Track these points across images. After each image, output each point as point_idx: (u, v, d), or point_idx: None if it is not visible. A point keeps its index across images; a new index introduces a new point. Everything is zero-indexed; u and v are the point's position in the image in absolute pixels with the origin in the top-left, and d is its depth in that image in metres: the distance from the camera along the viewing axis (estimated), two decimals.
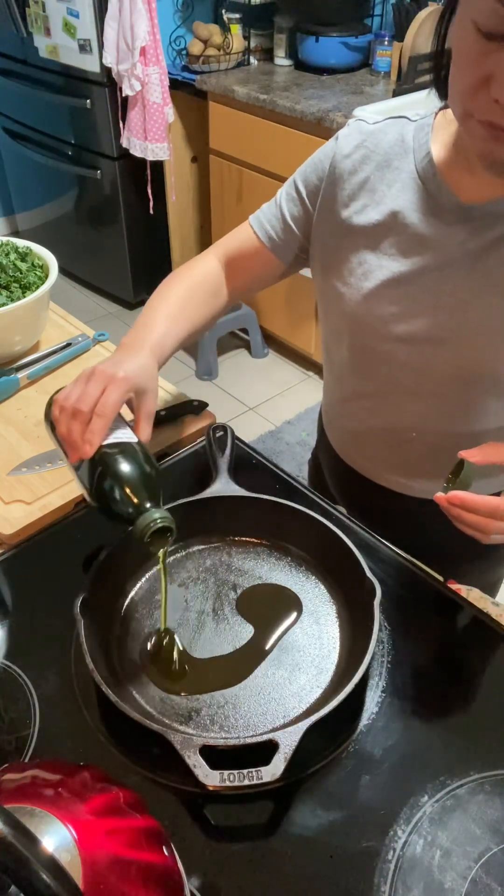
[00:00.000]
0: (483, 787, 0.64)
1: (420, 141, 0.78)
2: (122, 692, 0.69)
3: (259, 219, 0.92)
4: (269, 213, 0.92)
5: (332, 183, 0.84)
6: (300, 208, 0.89)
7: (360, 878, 0.58)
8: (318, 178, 0.86)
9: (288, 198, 0.90)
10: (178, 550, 0.85)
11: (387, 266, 0.80)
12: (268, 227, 0.91)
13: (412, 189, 0.78)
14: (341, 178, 0.83)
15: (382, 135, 0.81)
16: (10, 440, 1.02)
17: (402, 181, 0.79)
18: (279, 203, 0.91)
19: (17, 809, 0.44)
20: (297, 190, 0.89)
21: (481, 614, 0.79)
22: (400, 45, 2.31)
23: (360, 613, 0.73)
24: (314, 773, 0.65)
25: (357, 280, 0.83)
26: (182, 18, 2.71)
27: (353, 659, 0.70)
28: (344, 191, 0.83)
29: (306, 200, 0.88)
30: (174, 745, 0.60)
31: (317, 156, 0.88)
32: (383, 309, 0.82)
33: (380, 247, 0.81)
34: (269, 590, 0.81)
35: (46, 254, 1.21)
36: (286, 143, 2.31)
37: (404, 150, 0.79)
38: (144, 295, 3.12)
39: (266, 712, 0.69)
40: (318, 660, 0.74)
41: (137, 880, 0.45)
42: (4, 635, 0.77)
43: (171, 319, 0.85)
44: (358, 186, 0.82)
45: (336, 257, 0.85)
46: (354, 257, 0.83)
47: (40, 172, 3.08)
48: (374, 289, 0.81)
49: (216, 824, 0.62)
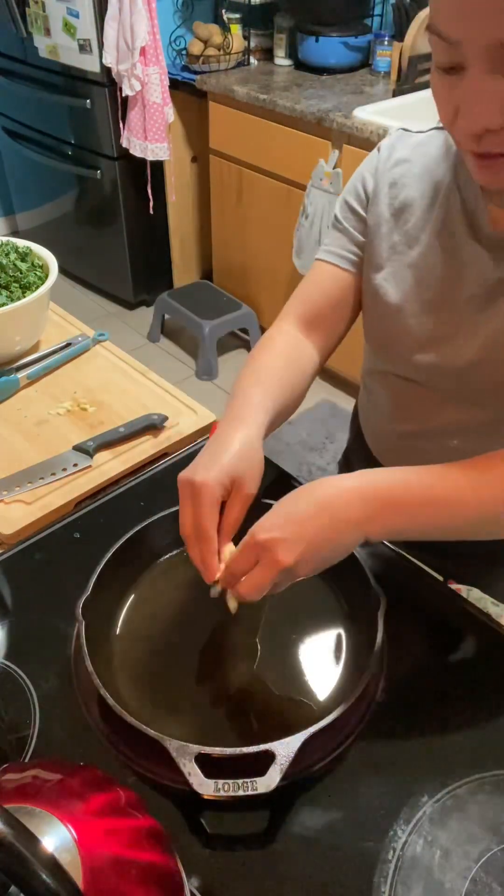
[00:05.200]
0: (483, 787, 0.64)
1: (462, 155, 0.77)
2: (121, 696, 0.69)
3: (328, 252, 0.89)
4: (334, 242, 0.89)
5: (376, 194, 0.83)
6: (356, 218, 0.87)
7: (360, 878, 0.58)
8: (363, 187, 0.85)
9: (344, 217, 0.88)
10: (178, 555, 0.85)
11: (422, 289, 0.79)
12: (340, 251, 0.88)
13: (452, 203, 0.76)
14: (382, 190, 0.82)
15: (424, 146, 0.80)
16: (10, 440, 1.02)
17: (442, 194, 0.77)
18: (338, 227, 0.89)
19: (17, 809, 0.44)
20: (349, 206, 0.88)
21: (481, 614, 0.79)
22: (400, 45, 2.30)
23: (363, 622, 0.73)
24: (314, 774, 0.65)
25: (392, 300, 0.82)
26: (182, 18, 2.70)
27: (356, 667, 0.70)
28: (384, 202, 0.82)
29: (359, 210, 0.86)
30: (170, 752, 0.60)
31: (360, 169, 0.86)
32: (414, 334, 0.81)
33: (415, 264, 0.80)
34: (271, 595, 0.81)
35: (46, 254, 1.21)
36: (286, 143, 2.31)
37: (448, 163, 0.77)
38: (144, 295, 3.12)
39: (264, 720, 0.69)
40: (320, 667, 0.74)
41: (137, 880, 0.45)
42: (4, 635, 0.77)
43: (262, 389, 0.78)
44: (397, 198, 0.81)
45: (378, 267, 0.84)
46: (389, 274, 0.82)
47: (40, 172, 3.07)
48: (407, 310, 0.80)
49: (216, 824, 0.62)
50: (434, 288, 0.79)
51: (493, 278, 0.74)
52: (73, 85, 2.64)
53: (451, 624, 0.79)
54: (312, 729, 0.61)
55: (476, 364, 0.77)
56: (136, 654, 0.75)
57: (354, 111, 2.11)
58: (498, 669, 0.74)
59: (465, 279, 0.76)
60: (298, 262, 2.42)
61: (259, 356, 0.85)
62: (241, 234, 2.70)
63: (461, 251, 0.76)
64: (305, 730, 0.61)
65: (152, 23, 2.32)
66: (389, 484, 0.65)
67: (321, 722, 0.62)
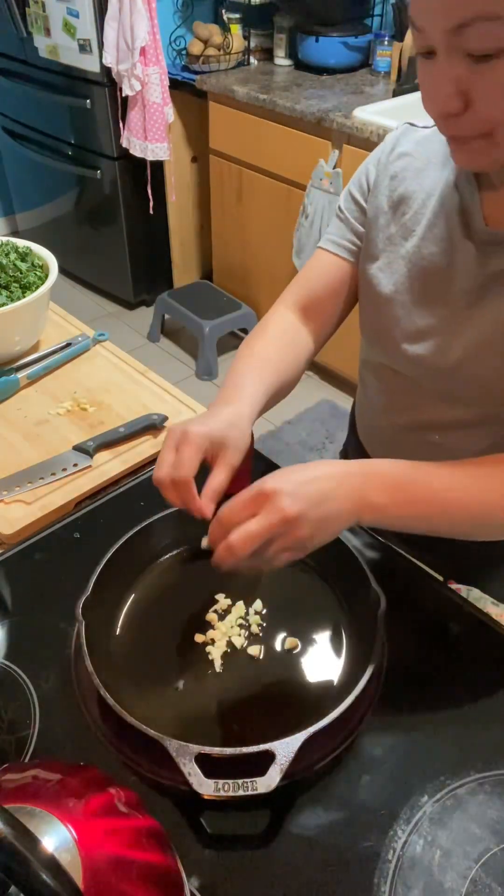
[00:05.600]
0: (483, 787, 0.64)
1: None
2: (121, 696, 0.69)
3: (329, 241, 0.91)
4: (335, 231, 0.90)
5: (377, 185, 0.84)
6: (357, 208, 0.88)
7: (360, 878, 0.58)
8: (367, 179, 0.86)
9: (347, 208, 0.89)
10: (178, 555, 0.85)
11: (415, 280, 0.80)
12: (340, 240, 0.89)
13: (451, 200, 0.77)
14: (383, 182, 0.83)
15: (428, 142, 0.80)
16: (10, 440, 1.02)
17: (440, 190, 0.78)
18: (340, 217, 0.90)
19: (17, 809, 0.44)
20: (352, 196, 0.89)
21: (481, 614, 0.79)
22: (400, 45, 2.31)
23: (363, 622, 0.73)
24: (314, 774, 0.65)
25: (385, 289, 0.82)
26: (182, 18, 2.70)
27: (355, 668, 0.70)
28: (384, 194, 0.83)
29: (361, 201, 0.87)
30: (170, 752, 0.60)
31: (366, 160, 0.88)
32: (405, 325, 0.81)
33: (410, 256, 0.80)
34: (271, 596, 0.81)
35: (46, 254, 1.21)
36: (286, 143, 2.31)
37: (449, 159, 0.77)
38: (144, 295, 3.12)
39: (264, 720, 0.69)
40: (319, 667, 0.74)
41: (137, 880, 0.45)
42: (4, 635, 0.77)
43: (255, 371, 0.81)
44: (396, 190, 0.81)
45: (374, 258, 0.85)
46: (385, 264, 0.83)
47: (40, 172, 3.07)
48: (399, 300, 0.81)
49: (216, 824, 0.62)
50: (425, 281, 0.79)
51: (481, 275, 0.74)
52: (73, 85, 2.64)
53: (451, 624, 0.79)
54: (312, 729, 0.61)
55: (461, 361, 0.78)
56: (136, 654, 0.75)
57: (354, 111, 2.11)
58: (498, 669, 0.74)
59: (456, 274, 0.76)
60: (298, 262, 2.42)
61: (254, 342, 0.87)
62: (241, 234, 2.70)
63: (454, 247, 0.76)
64: (305, 730, 0.61)
65: (152, 23, 2.32)
66: (393, 471, 0.67)
67: (321, 722, 0.62)
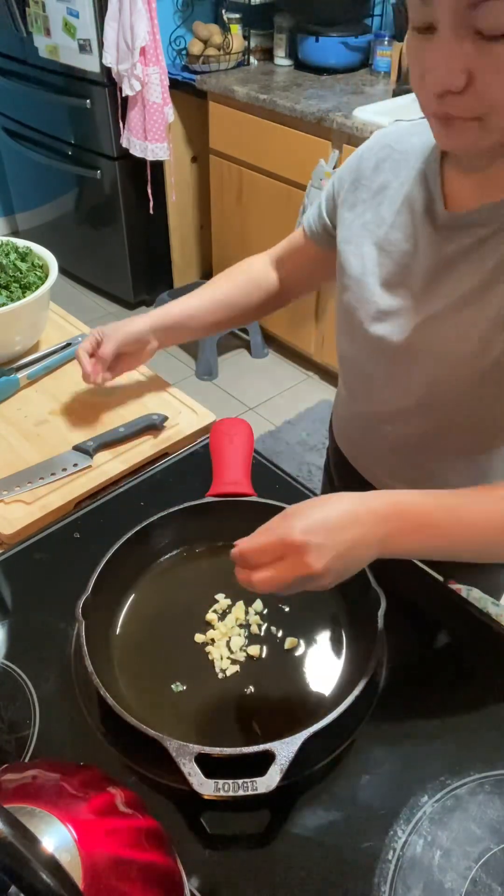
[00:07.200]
0: (483, 787, 0.64)
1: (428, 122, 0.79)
2: (121, 696, 0.69)
3: (306, 220, 1.01)
4: (313, 210, 1.00)
5: (357, 178, 0.86)
6: (331, 201, 0.94)
7: (360, 878, 0.58)
8: (349, 172, 0.89)
9: (326, 195, 0.95)
10: (178, 555, 0.85)
11: (382, 264, 0.82)
12: (310, 220, 1.00)
13: (419, 188, 0.78)
14: (364, 173, 0.85)
15: (409, 136, 0.82)
16: (10, 440, 1.02)
17: (411, 180, 0.80)
18: (318, 203, 0.97)
19: (17, 809, 0.44)
20: (332, 185, 0.93)
21: (481, 614, 0.79)
22: (400, 45, 2.31)
23: (363, 621, 0.73)
24: (314, 774, 0.65)
25: (355, 272, 0.84)
26: (182, 18, 2.70)
27: (355, 667, 0.70)
28: (365, 184, 0.85)
29: (340, 192, 0.91)
30: (170, 752, 0.60)
31: (355, 152, 0.90)
32: (370, 306, 0.83)
33: (380, 242, 0.82)
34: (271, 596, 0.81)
35: (46, 254, 1.21)
36: (286, 143, 2.31)
37: (425, 150, 0.79)
38: (144, 295, 3.12)
39: (264, 720, 0.69)
40: (320, 667, 0.74)
41: (137, 880, 0.45)
42: (4, 635, 0.77)
43: (189, 296, 1.02)
44: (375, 181, 0.84)
45: (349, 240, 0.87)
46: (356, 249, 0.85)
47: (40, 172, 3.07)
48: (367, 283, 0.83)
49: (216, 824, 0.62)
50: (391, 266, 0.81)
51: (438, 257, 0.76)
52: (73, 85, 2.64)
53: (451, 624, 0.79)
54: (312, 729, 0.61)
55: (413, 340, 0.79)
56: (136, 654, 0.75)
57: (354, 111, 2.11)
58: (498, 669, 0.74)
59: (418, 257, 0.78)
60: None
61: (217, 279, 1.09)
62: (241, 234, 2.70)
63: (416, 231, 0.78)
64: (305, 730, 0.61)
65: (152, 23, 2.32)
66: (420, 509, 0.65)
67: (321, 722, 0.62)
